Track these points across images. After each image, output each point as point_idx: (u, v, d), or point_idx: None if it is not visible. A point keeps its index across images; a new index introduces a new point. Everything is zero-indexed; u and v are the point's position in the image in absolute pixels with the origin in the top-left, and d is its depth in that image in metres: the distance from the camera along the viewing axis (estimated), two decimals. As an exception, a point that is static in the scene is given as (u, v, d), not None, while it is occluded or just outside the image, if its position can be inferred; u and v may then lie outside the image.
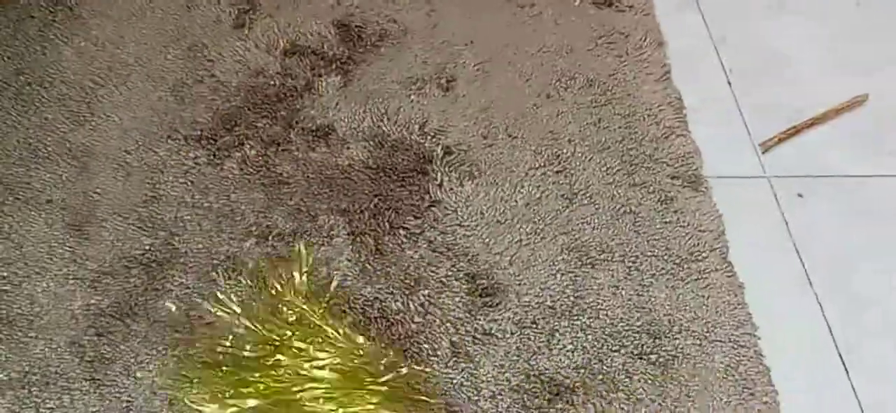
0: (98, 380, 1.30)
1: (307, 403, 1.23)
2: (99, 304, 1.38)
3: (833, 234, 1.55)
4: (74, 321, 1.36)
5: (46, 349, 1.32)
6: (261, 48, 1.78)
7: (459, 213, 1.52)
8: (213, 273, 1.42)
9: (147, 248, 1.45)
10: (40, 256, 1.43)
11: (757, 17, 1.95)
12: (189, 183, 1.55)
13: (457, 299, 1.41)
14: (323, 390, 1.24)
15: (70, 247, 1.45)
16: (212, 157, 1.59)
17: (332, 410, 1.22)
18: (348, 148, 1.61)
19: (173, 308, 1.36)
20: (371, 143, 1.62)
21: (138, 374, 1.30)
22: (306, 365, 1.26)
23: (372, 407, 1.23)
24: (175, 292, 1.40)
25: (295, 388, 1.24)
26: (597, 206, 1.54)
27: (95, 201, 1.51)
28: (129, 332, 1.35)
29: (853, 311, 1.44)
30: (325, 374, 1.25)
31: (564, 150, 1.63)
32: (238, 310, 1.33)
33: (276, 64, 1.75)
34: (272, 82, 1.72)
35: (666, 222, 1.52)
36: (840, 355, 1.38)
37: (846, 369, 1.37)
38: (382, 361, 1.28)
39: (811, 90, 1.78)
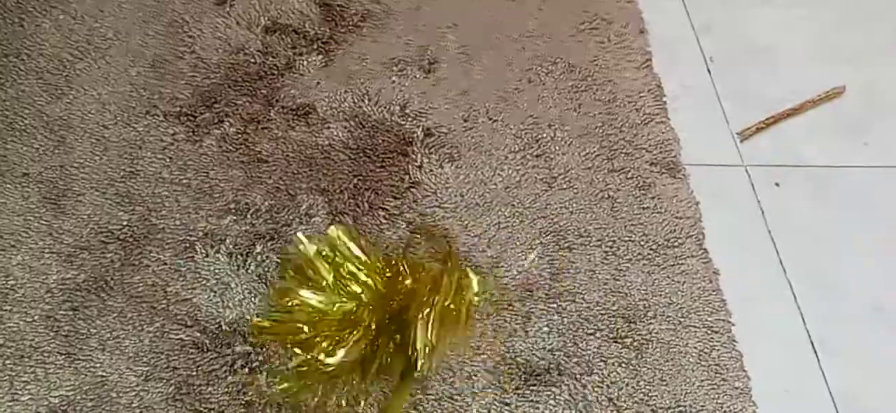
0: (73, 354, 1.29)
1: None
2: (75, 278, 1.37)
3: (808, 223, 1.57)
4: (50, 295, 1.35)
5: (21, 322, 1.32)
6: (242, 25, 1.77)
7: (439, 195, 1.53)
8: (191, 249, 1.42)
9: (124, 223, 1.45)
10: (16, 230, 1.42)
11: (740, 6, 1.96)
12: (167, 159, 1.54)
13: (434, 280, 1.41)
14: None
15: (46, 221, 1.44)
16: (191, 134, 1.58)
17: None
18: (328, 128, 1.61)
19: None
20: (351, 123, 1.62)
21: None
22: None
23: None
24: (152, 268, 1.39)
25: None
26: (575, 191, 1.55)
27: (72, 175, 1.50)
28: (105, 307, 1.34)
29: (826, 299, 1.46)
30: None
31: (544, 135, 1.63)
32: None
33: (257, 41, 1.74)
34: (253, 60, 1.71)
35: (644, 208, 1.54)
36: (812, 343, 1.40)
37: (818, 356, 1.39)
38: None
39: (792, 79, 1.80)
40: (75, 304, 1.35)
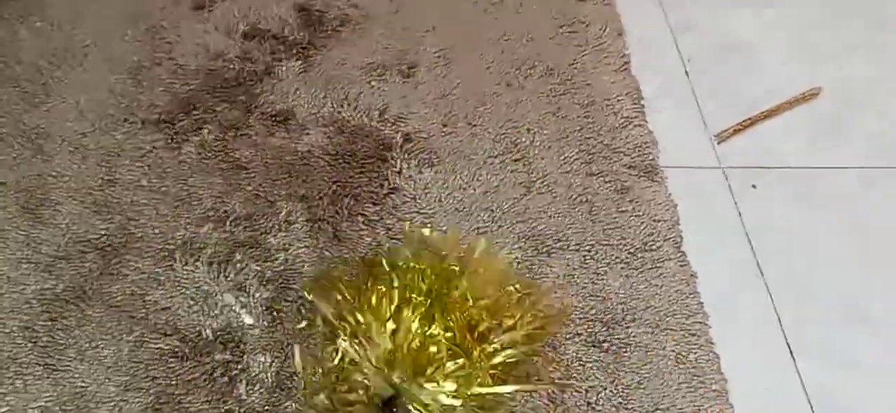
0: (52, 365, 1.29)
1: None
2: (53, 288, 1.37)
3: (784, 224, 1.58)
4: (28, 306, 1.35)
5: (-1, 334, 1.32)
6: (220, 31, 1.77)
7: (418, 201, 1.53)
8: (170, 258, 1.42)
9: (103, 232, 1.45)
10: (-7, 240, 1.42)
11: (716, 7, 1.97)
12: (146, 167, 1.54)
13: (414, 286, 1.41)
14: None
15: (24, 230, 1.43)
16: (169, 141, 1.58)
17: None
18: (308, 134, 1.61)
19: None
20: (331, 129, 1.62)
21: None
22: None
23: None
24: (130, 277, 1.39)
25: None
26: (554, 195, 1.56)
27: (50, 184, 1.50)
28: (84, 317, 1.34)
29: (802, 301, 1.47)
30: None
31: (523, 139, 1.64)
32: None
33: (235, 47, 1.74)
34: (232, 66, 1.71)
35: (622, 212, 1.55)
36: (788, 344, 1.42)
37: (794, 357, 1.40)
38: None
39: (769, 80, 1.81)
40: (54, 314, 1.34)
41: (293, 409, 1.27)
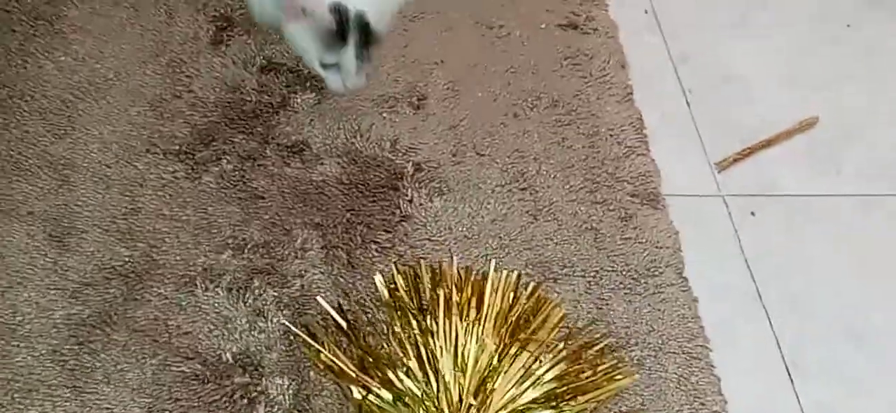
0: (79, 388, 1.34)
1: None
2: (80, 313, 1.43)
3: (783, 251, 1.63)
4: (56, 330, 1.41)
5: (28, 357, 1.37)
6: (238, 65, 1.83)
7: (429, 229, 1.59)
8: (191, 284, 1.47)
9: (126, 259, 1.50)
10: (22, 267, 1.47)
11: (718, 39, 2.02)
12: (167, 196, 1.60)
13: (425, 311, 1.47)
14: None
15: (51, 258, 1.49)
16: (190, 171, 1.64)
17: None
18: (322, 164, 1.67)
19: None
20: (344, 159, 1.68)
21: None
22: None
23: None
24: (154, 303, 1.45)
25: None
26: (560, 223, 1.61)
27: (76, 213, 1.56)
28: (109, 341, 1.40)
29: (800, 325, 1.52)
30: None
31: (530, 168, 1.70)
32: None
33: (252, 80, 1.80)
34: (249, 98, 1.77)
35: (625, 239, 1.60)
36: (786, 367, 1.47)
37: (792, 380, 1.45)
38: None
39: (767, 109, 1.86)
40: (80, 338, 1.40)
41: None
